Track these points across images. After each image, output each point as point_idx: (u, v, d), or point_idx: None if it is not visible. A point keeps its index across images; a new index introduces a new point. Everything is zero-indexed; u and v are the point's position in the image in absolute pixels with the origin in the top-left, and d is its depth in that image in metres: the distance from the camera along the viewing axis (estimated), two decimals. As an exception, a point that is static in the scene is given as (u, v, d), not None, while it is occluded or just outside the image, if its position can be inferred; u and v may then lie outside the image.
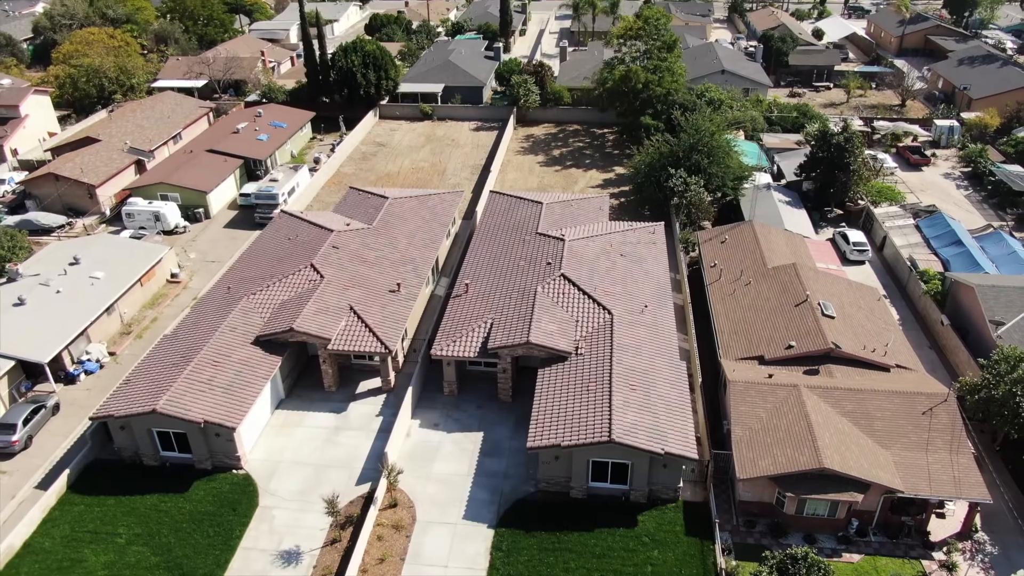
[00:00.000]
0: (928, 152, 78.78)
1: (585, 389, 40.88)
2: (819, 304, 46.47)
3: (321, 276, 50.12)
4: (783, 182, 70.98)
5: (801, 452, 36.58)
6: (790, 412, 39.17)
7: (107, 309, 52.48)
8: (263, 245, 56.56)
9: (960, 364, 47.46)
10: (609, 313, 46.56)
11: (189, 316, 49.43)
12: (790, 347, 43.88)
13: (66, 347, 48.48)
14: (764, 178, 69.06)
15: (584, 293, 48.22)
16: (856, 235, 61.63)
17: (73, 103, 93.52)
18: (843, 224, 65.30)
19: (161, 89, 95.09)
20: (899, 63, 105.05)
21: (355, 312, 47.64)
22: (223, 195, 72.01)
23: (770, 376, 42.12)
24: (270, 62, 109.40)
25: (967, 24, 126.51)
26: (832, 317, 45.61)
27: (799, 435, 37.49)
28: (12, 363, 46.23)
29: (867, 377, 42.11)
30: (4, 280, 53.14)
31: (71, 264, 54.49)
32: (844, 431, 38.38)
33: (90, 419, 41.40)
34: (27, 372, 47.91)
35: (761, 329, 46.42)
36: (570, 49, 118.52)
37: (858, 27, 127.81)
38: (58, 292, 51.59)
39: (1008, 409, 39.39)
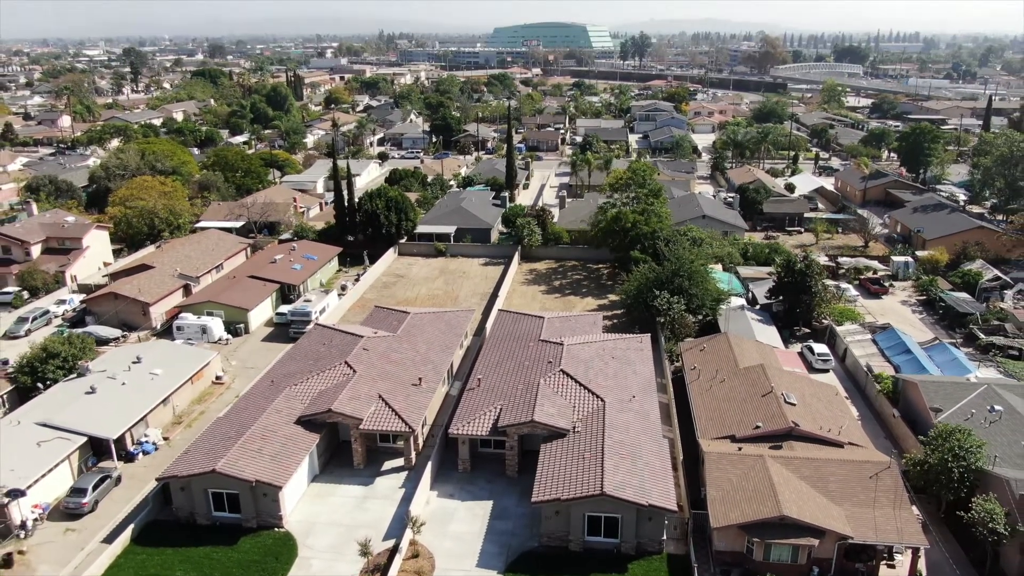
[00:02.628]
0: (887, 283, 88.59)
1: (581, 458, 47.88)
2: (782, 394, 54.13)
3: (354, 371, 58.15)
4: (757, 307, 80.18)
5: (764, 504, 43.17)
6: (756, 476, 45.98)
7: (163, 400, 60.10)
8: (301, 349, 64.89)
9: (910, 448, 54.26)
10: (602, 401, 54.19)
11: (238, 403, 57.07)
12: (757, 427, 51.17)
13: (129, 428, 55.71)
14: (739, 301, 78.37)
15: (580, 385, 56.04)
16: (820, 347, 70.12)
17: (125, 238, 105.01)
18: (810, 340, 73.73)
19: (204, 228, 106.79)
20: (862, 212, 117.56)
21: (383, 399, 55.30)
22: (261, 314, 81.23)
23: (740, 449, 49.21)
24: (301, 207, 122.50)
25: (924, 180, 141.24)
26: (793, 404, 53.14)
27: (763, 492, 44.18)
28: (84, 440, 53.39)
29: (823, 451, 49.12)
30: (75, 375, 61.13)
31: (134, 363, 62.67)
32: (802, 490, 45.06)
33: (157, 480, 48.23)
34: (94, 450, 54.87)
35: (733, 415, 53.84)
36: (568, 199, 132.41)
37: (827, 183, 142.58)
38: (123, 384, 59.48)
39: (944, 474, 46.25)
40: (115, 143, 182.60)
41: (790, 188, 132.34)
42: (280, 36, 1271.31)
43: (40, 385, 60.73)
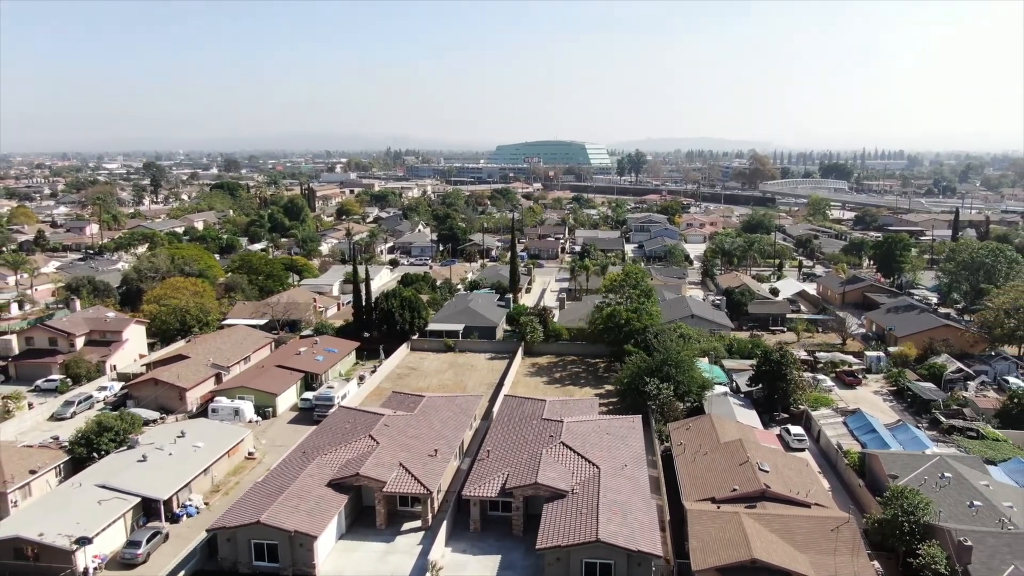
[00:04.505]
0: (860, 375, 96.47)
1: (579, 513, 54.67)
2: (757, 463, 61.29)
3: (377, 443, 65.45)
4: (740, 394, 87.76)
5: (738, 550, 49.77)
6: (732, 529, 52.69)
7: (204, 470, 67.02)
8: (328, 426, 72.34)
9: (874, 513, 60.85)
10: (597, 468, 61.29)
11: (275, 469, 64.07)
12: (734, 490, 58.12)
13: (176, 492, 62.51)
14: (722, 389, 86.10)
15: (578, 454, 63.25)
16: (796, 429, 77.49)
17: (158, 333, 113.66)
18: (788, 423, 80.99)
19: (231, 325, 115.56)
20: (841, 313, 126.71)
21: (403, 466, 62.40)
22: (288, 399, 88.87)
23: (719, 508, 56.03)
24: (320, 307, 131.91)
25: (900, 285, 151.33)
26: (767, 471, 60.25)
27: (738, 541, 50.84)
28: (137, 500, 60.16)
29: (791, 510, 55.91)
30: (126, 447, 68.40)
31: (179, 437, 70.04)
32: (772, 540, 51.70)
33: (207, 530, 54.91)
34: (145, 511, 61.43)
35: (714, 481, 60.79)
36: (568, 301, 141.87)
37: (810, 287, 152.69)
38: (170, 455, 66.67)
39: (897, 528, 52.99)
40: (142, 249, 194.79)
41: (774, 292, 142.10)
42: (290, 152, 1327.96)
43: (95, 455, 67.81)
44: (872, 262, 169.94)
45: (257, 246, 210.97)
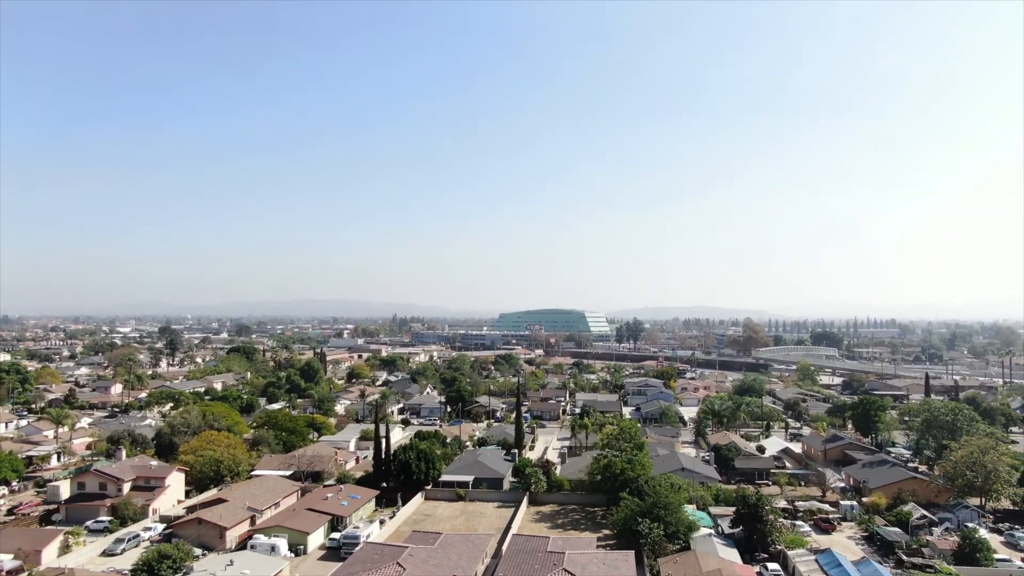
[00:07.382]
0: (835, 522, 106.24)
1: (579, 624, 64.45)
2: (732, 586, 71.33)
3: (403, 568, 75.63)
4: (724, 536, 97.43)
5: (713, 651, 59.42)
6: (709, 636, 62.43)
7: (251, 594, 76.61)
8: (358, 557, 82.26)
9: (835, 632, 70.13)
10: (595, 589, 71.24)
11: (315, 591, 73.73)
12: (712, 607, 67.92)
13: (230, 610, 72.04)
14: (707, 531, 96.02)
15: (578, 578, 73.27)
16: (773, 566, 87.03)
17: (193, 481, 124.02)
18: (766, 562, 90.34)
19: (260, 475, 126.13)
20: (821, 469, 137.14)
21: (427, 588, 72.34)
22: (317, 539, 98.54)
23: (698, 621, 65.74)
24: (340, 460, 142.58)
25: (880, 443, 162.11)
26: (741, 592, 70.20)
27: (713, 645, 60.55)
28: (198, 616, 69.75)
29: (761, 623, 65.59)
30: (182, 573, 78.31)
31: (228, 565, 80.00)
32: (742, 645, 61.30)
33: (263, 636, 64.21)
34: (202, 627, 70.75)
35: (696, 601, 70.55)
36: (569, 457, 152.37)
37: (795, 446, 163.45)
38: (222, 579, 76.57)
39: (848, 638, 62.60)
40: (167, 407, 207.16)
41: (761, 449, 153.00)
42: (297, 317, 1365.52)
43: (156, 580, 77.67)
44: (851, 422, 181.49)
45: (275, 406, 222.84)
